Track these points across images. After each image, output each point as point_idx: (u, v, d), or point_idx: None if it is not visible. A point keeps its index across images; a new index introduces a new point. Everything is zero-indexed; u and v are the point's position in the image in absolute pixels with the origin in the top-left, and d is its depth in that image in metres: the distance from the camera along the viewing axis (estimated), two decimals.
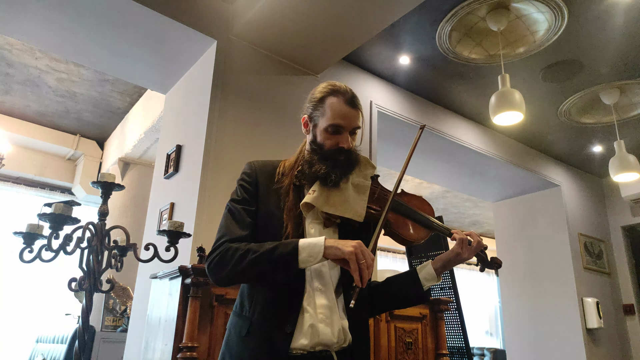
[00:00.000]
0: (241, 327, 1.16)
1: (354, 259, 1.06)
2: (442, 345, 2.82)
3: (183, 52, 3.01)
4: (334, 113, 1.24)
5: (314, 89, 1.32)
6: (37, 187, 5.54)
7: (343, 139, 1.24)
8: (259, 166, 1.32)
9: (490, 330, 8.98)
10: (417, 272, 1.29)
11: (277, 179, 1.28)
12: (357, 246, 1.07)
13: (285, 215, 1.21)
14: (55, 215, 1.74)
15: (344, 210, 1.21)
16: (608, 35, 3.24)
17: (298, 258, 1.09)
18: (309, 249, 1.09)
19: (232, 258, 1.13)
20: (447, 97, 4.11)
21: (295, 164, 1.30)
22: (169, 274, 2.20)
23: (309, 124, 1.30)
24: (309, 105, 1.30)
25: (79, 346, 1.75)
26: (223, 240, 1.19)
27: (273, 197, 1.25)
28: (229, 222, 1.24)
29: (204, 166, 2.60)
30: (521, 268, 5.23)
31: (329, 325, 1.15)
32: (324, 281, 1.19)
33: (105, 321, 4.41)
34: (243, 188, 1.29)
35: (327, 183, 1.22)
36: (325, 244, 1.09)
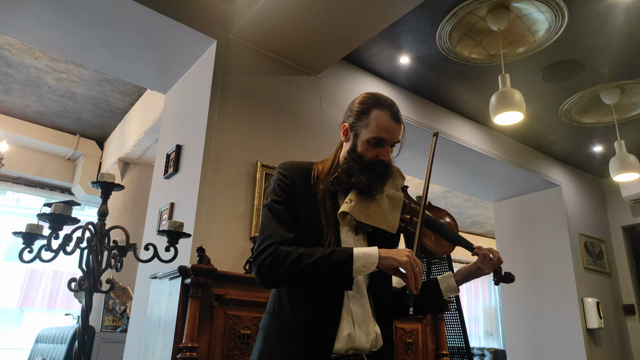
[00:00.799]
0: (282, 330, 1.18)
1: (410, 267, 1.09)
2: (442, 346, 2.82)
3: (183, 51, 3.00)
4: (379, 126, 1.25)
5: (357, 98, 1.33)
6: (37, 187, 5.53)
7: (384, 152, 1.27)
8: (294, 167, 1.32)
9: (490, 330, 8.98)
10: (438, 283, 1.34)
11: (313, 183, 1.29)
12: (411, 255, 1.11)
13: (324, 222, 1.23)
14: (55, 215, 1.73)
15: (380, 222, 1.24)
16: (608, 35, 3.24)
17: (353, 267, 1.10)
18: (364, 259, 1.11)
19: (284, 261, 1.14)
20: (447, 97, 4.11)
21: (331, 169, 1.31)
22: (169, 274, 2.20)
23: (349, 132, 1.31)
24: (352, 114, 1.31)
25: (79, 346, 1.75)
26: (271, 241, 1.19)
27: (311, 201, 1.26)
28: (273, 223, 1.23)
29: (203, 166, 2.60)
30: (521, 268, 5.22)
31: (364, 332, 1.18)
32: (358, 288, 1.22)
33: (105, 321, 4.40)
34: (282, 189, 1.28)
35: (367, 195, 1.25)
36: (380, 254, 1.11)
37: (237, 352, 2.10)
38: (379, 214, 1.25)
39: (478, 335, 8.77)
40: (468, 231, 8.58)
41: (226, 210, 2.60)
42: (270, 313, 1.24)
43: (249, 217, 2.67)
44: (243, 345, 2.12)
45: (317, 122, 3.21)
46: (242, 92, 2.88)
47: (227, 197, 2.63)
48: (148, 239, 2.98)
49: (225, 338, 2.08)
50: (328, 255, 1.12)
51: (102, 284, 1.83)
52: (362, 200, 1.24)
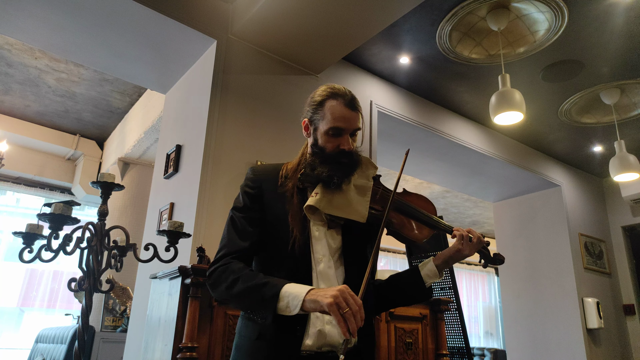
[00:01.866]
0: (252, 331, 1.17)
1: (336, 310, 0.98)
2: (442, 346, 2.82)
3: (183, 52, 3.00)
4: (334, 116, 1.24)
5: (314, 93, 1.32)
6: (37, 187, 5.53)
7: (344, 141, 1.25)
8: (262, 171, 1.32)
9: (490, 330, 8.98)
10: (419, 269, 1.31)
11: (281, 183, 1.28)
12: (339, 295, 0.99)
13: (290, 219, 1.21)
14: (55, 215, 1.73)
15: (347, 212, 1.22)
16: (608, 35, 3.24)
17: (277, 305, 1.06)
18: (289, 300, 1.05)
19: (225, 280, 1.15)
20: (447, 97, 4.11)
21: (298, 167, 1.30)
22: (169, 274, 2.20)
23: (309, 127, 1.30)
24: (309, 109, 1.30)
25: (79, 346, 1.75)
26: (224, 253, 1.20)
27: (279, 202, 1.25)
28: (230, 233, 1.24)
29: (203, 166, 2.60)
30: (521, 268, 5.23)
31: (335, 326, 1.16)
32: (330, 283, 1.20)
33: (105, 321, 4.40)
34: (247, 194, 1.28)
35: (330, 185, 1.23)
36: (306, 297, 1.03)
37: None
38: (346, 204, 1.22)
39: (478, 335, 8.77)
40: None
41: (226, 210, 2.59)
42: (242, 315, 1.24)
43: None
44: None
45: None
46: (242, 92, 2.88)
47: (227, 197, 2.63)
48: (148, 239, 2.98)
49: (225, 338, 2.08)
50: (259, 286, 1.09)
51: (102, 284, 1.83)
52: (328, 193, 1.22)
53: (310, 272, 1.18)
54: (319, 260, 1.21)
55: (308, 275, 1.18)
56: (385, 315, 2.62)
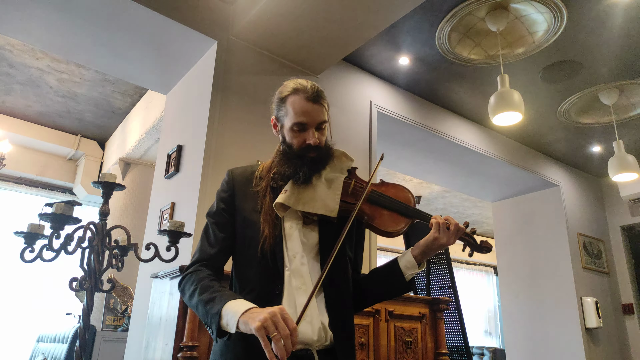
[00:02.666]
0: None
1: (263, 334, 0.93)
2: (442, 345, 2.83)
3: (183, 52, 3.02)
4: (296, 111, 1.22)
5: (278, 90, 1.31)
6: (38, 187, 5.55)
7: (309, 136, 1.22)
8: (237, 173, 1.32)
9: (489, 329, 8.99)
10: (397, 261, 1.27)
11: (255, 183, 1.28)
12: (268, 317, 0.94)
13: (262, 218, 1.20)
14: (56, 215, 1.74)
15: (316, 207, 1.20)
16: (607, 35, 3.25)
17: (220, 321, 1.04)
18: (228, 317, 1.02)
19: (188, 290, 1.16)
20: (446, 98, 4.12)
21: (272, 165, 1.31)
22: (170, 274, 2.21)
23: (277, 125, 1.31)
24: (274, 107, 1.30)
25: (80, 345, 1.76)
26: (195, 259, 1.22)
27: (250, 202, 1.25)
28: (202, 239, 1.26)
29: (204, 166, 2.61)
30: (520, 268, 5.24)
31: (308, 323, 1.13)
32: (303, 279, 1.18)
33: (106, 321, 4.42)
34: (220, 198, 1.29)
35: (296, 181, 1.22)
36: (240, 318, 0.99)
37: None
38: (315, 199, 1.20)
39: (477, 334, 8.78)
40: None
41: None
42: None
43: None
44: None
45: None
46: (242, 93, 2.89)
47: None
48: (149, 238, 2.99)
49: None
50: (207, 302, 1.08)
51: (103, 283, 1.84)
52: (298, 189, 1.21)
53: (281, 270, 1.17)
54: (292, 257, 1.19)
55: (279, 273, 1.17)
56: (384, 314, 2.64)
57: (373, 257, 3.28)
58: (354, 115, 3.53)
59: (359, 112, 3.58)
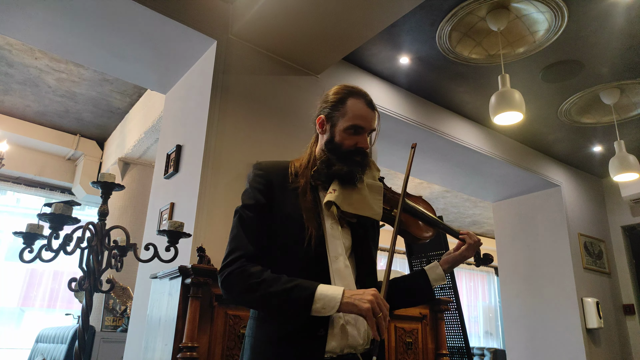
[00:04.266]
0: (270, 333, 1.14)
1: (371, 315, 1.03)
2: (442, 345, 2.82)
3: (183, 52, 3.01)
4: (356, 114, 1.26)
5: (330, 90, 1.33)
6: (37, 187, 5.54)
7: (362, 140, 1.27)
8: (270, 166, 1.30)
9: (490, 330, 8.98)
10: (427, 273, 1.33)
11: (292, 180, 1.26)
12: (374, 299, 1.04)
13: (305, 217, 1.20)
14: (55, 215, 1.73)
15: (364, 209, 1.23)
16: (608, 35, 3.24)
17: (312, 307, 1.05)
18: (325, 301, 1.05)
19: (244, 283, 1.11)
20: (447, 97, 4.11)
21: (309, 163, 1.30)
22: (169, 274, 2.20)
23: (325, 124, 1.30)
24: (327, 106, 1.31)
25: (79, 346, 1.75)
26: (237, 255, 1.16)
27: (290, 198, 1.23)
28: (241, 233, 1.19)
29: (204, 166, 2.60)
30: (521, 268, 5.23)
31: (354, 327, 1.15)
32: (345, 281, 1.19)
33: (105, 321, 4.41)
34: (257, 190, 1.24)
35: (349, 182, 1.23)
36: (343, 299, 1.05)
37: (237, 351, 2.10)
38: (363, 202, 1.23)
39: (478, 335, 8.78)
40: None
41: (226, 210, 2.61)
42: (256, 318, 1.19)
43: None
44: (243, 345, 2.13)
45: None
46: (242, 93, 2.88)
47: (227, 197, 2.63)
48: (148, 238, 2.98)
49: (226, 338, 2.08)
50: (289, 290, 1.07)
51: (102, 283, 1.83)
52: (345, 190, 1.22)
53: (327, 271, 1.17)
54: (335, 258, 1.20)
55: (325, 273, 1.17)
56: None
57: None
58: None
59: None
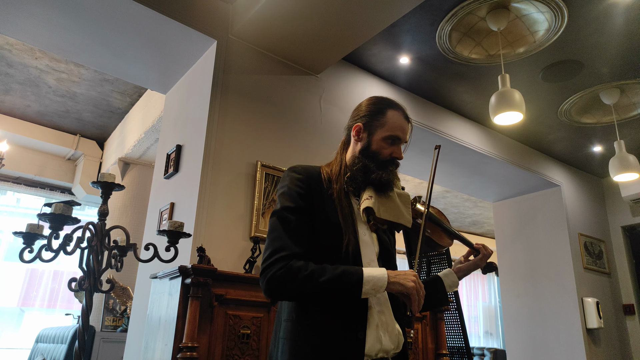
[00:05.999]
0: (312, 336, 1.15)
1: (415, 293, 1.12)
2: (442, 345, 2.82)
3: (183, 52, 3.01)
4: (395, 125, 1.33)
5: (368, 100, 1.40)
6: (37, 187, 5.54)
7: (397, 150, 1.33)
8: (306, 171, 1.31)
9: (490, 330, 8.98)
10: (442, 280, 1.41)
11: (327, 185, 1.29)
12: (416, 279, 1.13)
13: (343, 223, 1.23)
14: (55, 215, 1.73)
15: (398, 217, 1.28)
16: (608, 35, 3.24)
17: (362, 289, 1.11)
18: (373, 282, 1.12)
19: (295, 277, 1.13)
20: (447, 97, 4.11)
21: (341, 170, 1.33)
22: (169, 274, 2.20)
23: (361, 132, 1.35)
24: (365, 115, 1.35)
25: (79, 346, 1.75)
26: (282, 254, 1.16)
27: (328, 204, 1.26)
28: (284, 235, 1.19)
29: (204, 166, 2.60)
30: (521, 268, 5.23)
31: (386, 331, 1.20)
32: None
33: (105, 321, 4.41)
34: (297, 194, 1.25)
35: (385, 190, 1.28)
36: (389, 279, 1.13)
37: (237, 351, 2.10)
38: (396, 209, 1.28)
39: (478, 335, 8.78)
40: (467, 231, 8.59)
41: (226, 210, 2.61)
42: (294, 321, 1.19)
43: (249, 217, 2.67)
44: (243, 344, 2.13)
45: (316, 122, 3.22)
46: (242, 92, 2.88)
47: (227, 197, 2.63)
48: (148, 238, 2.98)
49: (226, 338, 2.08)
50: (339, 276, 1.12)
51: (102, 283, 1.83)
52: (380, 197, 1.27)
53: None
54: (368, 264, 1.24)
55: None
56: None
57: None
58: None
59: None
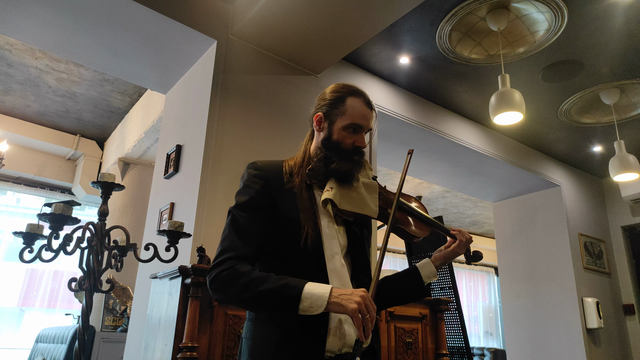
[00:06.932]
0: (270, 334, 1.13)
1: (358, 316, 1.01)
2: (442, 345, 2.82)
3: (183, 52, 3.01)
4: (356, 113, 1.27)
5: (329, 89, 1.33)
6: (37, 187, 5.54)
7: (360, 139, 1.27)
8: (266, 166, 1.28)
9: (490, 330, 8.98)
10: (418, 270, 1.34)
11: (287, 179, 1.25)
12: (361, 300, 1.02)
13: (302, 216, 1.19)
14: (55, 215, 1.73)
15: (362, 208, 1.24)
16: (608, 35, 3.24)
17: (299, 306, 1.04)
18: (312, 300, 1.04)
19: (235, 283, 1.10)
20: (447, 97, 4.11)
21: (304, 162, 1.29)
22: (169, 274, 2.20)
23: (323, 121, 1.30)
24: (325, 104, 1.30)
25: (79, 346, 1.75)
26: (228, 256, 1.14)
27: (287, 198, 1.22)
28: (233, 235, 1.18)
29: (204, 166, 2.60)
30: (521, 268, 5.23)
31: (351, 325, 1.14)
32: (342, 281, 1.19)
33: (105, 321, 4.41)
34: (253, 190, 1.22)
35: (347, 180, 1.24)
36: (330, 299, 1.03)
37: (237, 351, 2.10)
38: (360, 200, 1.24)
39: (478, 335, 8.78)
40: (467, 231, 8.59)
41: (226, 210, 2.60)
42: (253, 320, 1.18)
43: None
44: None
45: None
46: (242, 92, 2.88)
47: (227, 197, 2.63)
48: (148, 238, 2.98)
49: (226, 338, 2.08)
50: (278, 288, 1.06)
51: (102, 283, 1.83)
52: (342, 188, 1.23)
53: (324, 269, 1.17)
54: (331, 257, 1.19)
55: (322, 272, 1.16)
56: (385, 315, 2.63)
57: (373, 257, 3.28)
58: None
59: None
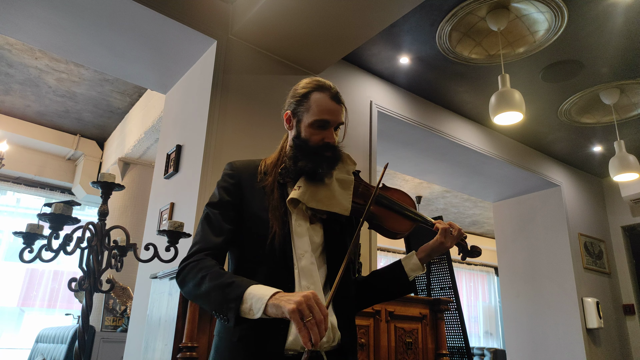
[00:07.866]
0: (232, 332, 1.12)
1: (297, 317, 0.89)
2: (442, 345, 2.82)
3: (183, 52, 3.01)
4: (320, 108, 1.23)
5: (297, 85, 1.31)
6: (37, 187, 5.54)
7: (328, 135, 1.24)
8: (241, 166, 1.29)
9: (490, 330, 8.98)
10: (402, 264, 1.31)
11: (260, 178, 1.25)
12: (303, 301, 0.90)
13: (270, 215, 1.18)
14: (55, 215, 1.73)
15: (331, 205, 1.20)
16: (608, 35, 3.24)
17: (240, 307, 0.99)
18: (253, 302, 0.97)
19: (194, 278, 1.09)
20: (447, 97, 4.11)
21: (278, 161, 1.29)
22: (169, 274, 2.21)
23: (291, 119, 1.29)
24: (292, 101, 1.28)
25: (79, 346, 1.75)
26: (196, 249, 1.16)
27: (258, 197, 1.22)
28: (204, 229, 1.20)
29: (204, 166, 2.60)
30: (521, 268, 5.23)
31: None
32: (313, 279, 1.17)
33: (105, 321, 4.41)
34: (224, 190, 1.24)
35: (314, 178, 1.21)
36: (269, 301, 0.95)
37: None
38: (330, 197, 1.21)
39: (478, 335, 8.78)
40: (467, 231, 8.59)
41: None
42: None
43: None
44: None
45: None
46: (242, 92, 2.88)
47: None
48: (148, 238, 2.98)
49: None
50: (224, 286, 1.02)
51: (102, 283, 1.83)
52: (311, 186, 1.20)
53: (291, 269, 1.15)
54: (301, 256, 1.17)
55: (289, 272, 1.15)
56: (385, 315, 2.63)
57: (373, 258, 3.27)
58: (354, 114, 3.52)
59: (359, 112, 3.58)
